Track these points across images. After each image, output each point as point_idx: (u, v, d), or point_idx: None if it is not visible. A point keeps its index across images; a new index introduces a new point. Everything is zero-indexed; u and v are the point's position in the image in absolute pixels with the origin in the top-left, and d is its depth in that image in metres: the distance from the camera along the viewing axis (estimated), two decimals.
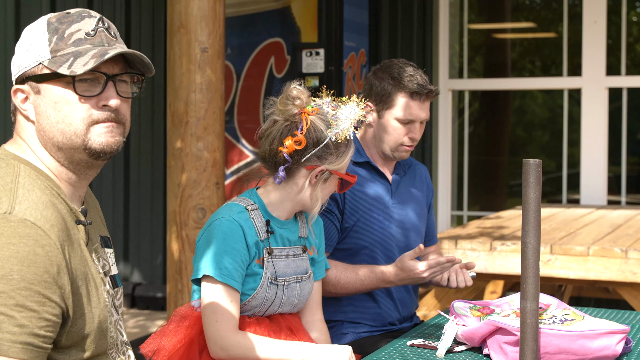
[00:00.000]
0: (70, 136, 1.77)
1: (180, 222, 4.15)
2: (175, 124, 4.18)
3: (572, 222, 5.21)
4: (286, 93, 2.46)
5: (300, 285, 2.53)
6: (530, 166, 1.98)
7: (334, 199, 2.95)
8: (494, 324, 2.31)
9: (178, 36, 4.16)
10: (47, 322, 1.64)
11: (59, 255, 1.67)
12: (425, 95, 2.96)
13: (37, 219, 1.66)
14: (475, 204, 7.46)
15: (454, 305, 2.52)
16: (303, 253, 2.56)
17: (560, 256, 4.19)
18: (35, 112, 1.79)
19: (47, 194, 1.74)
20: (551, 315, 2.39)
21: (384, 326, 3.04)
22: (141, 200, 7.16)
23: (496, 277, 4.47)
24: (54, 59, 1.76)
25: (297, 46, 6.38)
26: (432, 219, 3.25)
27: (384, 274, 2.86)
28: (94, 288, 1.78)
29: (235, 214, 2.42)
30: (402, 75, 2.97)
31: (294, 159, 2.45)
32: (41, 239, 1.65)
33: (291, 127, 2.45)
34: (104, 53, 1.75)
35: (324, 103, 2.48)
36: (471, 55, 7.51)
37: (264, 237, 2.44)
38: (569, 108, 6.97)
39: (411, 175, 3.17)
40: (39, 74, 1.77)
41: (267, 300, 2.45)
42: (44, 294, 1.63)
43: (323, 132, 2.44)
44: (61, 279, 1.67)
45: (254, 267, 2.43)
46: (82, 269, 1.75)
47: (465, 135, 7.20)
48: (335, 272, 2.89)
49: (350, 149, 2.52)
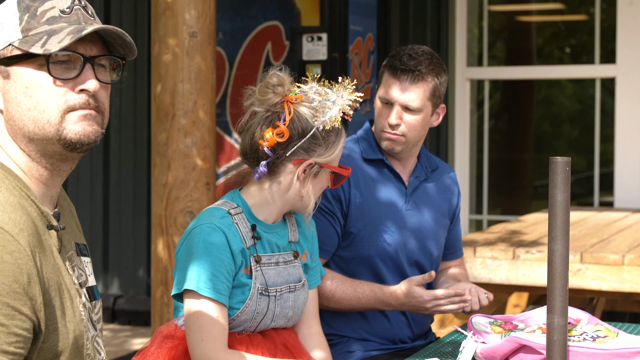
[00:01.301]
0: (43, 125, 1.76)
1: (166, 227, 4.16)
2: (161, 118, 4.19)
3: (605, 228, 5.21)
4: (265, 80, 2.46)
5: (294, 295, 2.53)
6: (558, 165, 1.98)
7: (338, 200, 2.94)
8: (518, 341, 2.31)
9: (163, 19, 4.16)
10: (16, 338, 1.64)
11: (29, 263, 1.67)
12: (402, 72, 2.90)
13: (5, 222, 1.66)
14: (496, 207, 7.46)
15: (472, 320, 2.52)
16: (294, 259, 2.56)
17: (592, 265, 4.19)
18: (4, 99, 1.79)
19: (16, 195, 1.73)
20: (581, 332, 2.39)
21: (395, 344, 3.04)
22: (122, 203, 7.16)
23: (519, 288, 4.47)
24: (25, 38, 1.75)
25: (296, 30, 6.38)
26: (457, 230, 3.22)
27: (384, 295, 2.85)
28: (69, 300, 1.78)
29: (216, 219, 2.42)
30: (400, 52, 2.96)
31: (277, 154, 2.45)
32: (9, 244, 1.64)
33: (273, 117, 2.45)
34: (81, 29, 1.75)
35: (310, 89, 2.48)
36: (492, 40, 7.51)
37: (250, 244, 2.44)
38: (601, 99, 6.97)
39: (434, 180, 3.14)
40: (8, 57, 1.76)
41: (259, 314, 2.45)
42: (13, 306, 1.63)
43: (309, 122, 2.44)
44: (32, 289, 1.67)
45: (241, 277, 2.43)
46: (55, 278, 1.75)
47: (484, 130, 7.20)
48: (330, 284, 2.89)
49: (341, 139, 2.51)
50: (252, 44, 6.54)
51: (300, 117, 2.44)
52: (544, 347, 2.22)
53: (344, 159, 2.96)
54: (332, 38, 6.30)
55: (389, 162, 3.03)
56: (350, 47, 6.45)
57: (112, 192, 7.19)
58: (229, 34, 6.57)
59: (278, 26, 6.50)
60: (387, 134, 2.95)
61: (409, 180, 3.07)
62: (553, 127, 8.29)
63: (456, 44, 6.92)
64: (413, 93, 2.92)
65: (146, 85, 6.92)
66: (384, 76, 2.97)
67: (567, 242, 2.00)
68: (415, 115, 2.94)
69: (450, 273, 3.19)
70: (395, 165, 3.05)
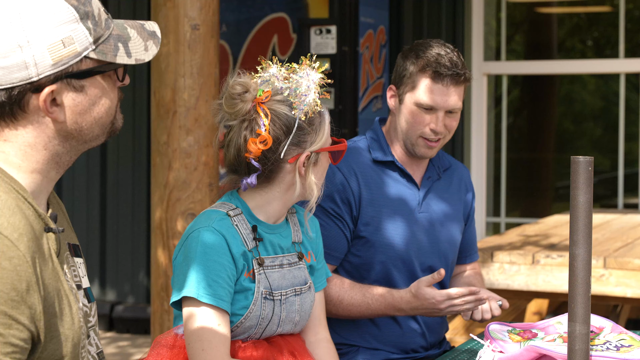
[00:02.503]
0: (107, 125, 1.88)
1: (167, 230, 4.16)
2: (161, 115, 4.19)
3: (630, 231, 5.21)
4: (229, 92, 2.43)
5: (300, 299, 2.53)
6: (580, 164, 1.98)
7: (347, 204, 2.95)
8: (537, 350, 2.32)
9: (164, 11, 4.17)
10: (13, 348, 1.64)
11: (28, 270, 1.67)
12: (449, 77, 2.95)
13: (4, 227, 1.67)
14: (515, 209, 7.46)
15: (489, 328, 2.53)
16: (299, 261, 2.56)
17: (616, 271, 4.19)
18: (71, 111, 1.82)
19: (13, 197, 1.74)
20: (604, 341, 2.39)
21: (407, 353, 3.04)
22: (120, 205, 7.18)
23: (539, 295, 4.47)
24: (98, 48, 1.81)
25: (304, 22, 6.39)
26: (471, 232, 3.23)
27: (395, 300, 2.85)
28: (67, 307, 1.79)
29: (215, 222, 2.42)
30: (428, 53, 2.97)
31: (269, 160, 2.44)
32: (8, 250, 1.65)
33: (251, 125, 2.43)
34: (149, 32, 1.90)
35: (273, 77, 2.47)
36: (510, 33, 7.51)
37: (252, 246, 2.44)
38: (626, 95, 6.96)
39: (447, 180, 3.15)
40: (85, 70, 1.80)
41: (264, 319, 2.45)
42: (11, 315, 1.64)
43: (289, 116, 2.43)
44: (31, 297, 1.67)
45: (243, 281, 2.43)
46: (54, 284, 1.76)
47: (502, 128, 7.20)
48: (338, 290, 2.90)
49: (325, 115, 2.49)
50: (258, 37, 6.55)
51: (279, 115, 2.42)
52: (565, 357, 2.22)
53: (353, 161, 2.98)
54: (341, 31, 6.30)
55: (400, 165, 3.04)
56: (360, 40, 6.45)
57: (110, 193, 7.21)
58: (233, 26, 6.58)
59: (285, 18, 6.50)
60: (427, 141, 2.98)
61: (422, 181, 3.07)
62: (575, 125, 8.29)
63: (473, 37, 6.92)
64: (457, 96, 2.98)
65: (145, 80, 6.93)
66: (421, 82, 2.96)
67: (589, 246, 2.00)
68: (457, 115, 3.01)
69: (464, 278, 3.19)
70: (407, 166, 3.06)
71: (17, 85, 1.75)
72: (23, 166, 1.80)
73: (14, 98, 1.75)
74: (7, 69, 1.73)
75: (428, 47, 2.99)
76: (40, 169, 1.81)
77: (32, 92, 1.76)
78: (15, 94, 1.75)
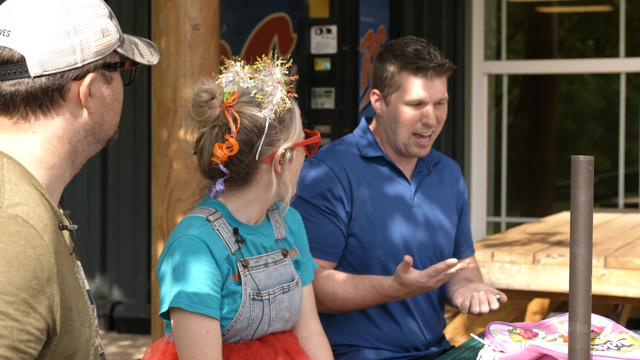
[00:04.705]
0: (116, 125, 1.93)
1: (167, 230, 4.17)
2: (162, 114, 4.20)
3: (630, 231, 5.21)
4: (195, 101, 2.42)
5: (289, 296, 2.53)
6: (580, 164, 1.98)
7: (339, 199, 2.95)
8: (538, 349, 2.32)
9: (165, 11, 4.17)
10: (29, 336, 1.65)
11: (50, 260, 1.68)
12: (432, 69, 2.95)
13: (30, 216, 1.68)
14: (515, 209, 7.46)
15: (490, 327, 2.53)
16: (284, 258, 2.55)
17: (616, 270, 4.19)
18: (100, 103, 1.87)
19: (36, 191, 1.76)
20: (605, 340, 2.39)
21: (408, 352, 3.05)
22: (121, 205, 7.18)
23: (540, 294, 4.48)
24: (123, 46, 1.89)
25: (305, 22, 6.39)
26: (465, 225, 3.25)
27: (386, 290, 2.86)
28: (82, 303, 1.80)
29: (195, 229, 2.41)
30: (406, 51, 2.98)
31: (243, 162, 2.44)
32: (33, 239, 1.66)
33: (222, 130, 2.42)
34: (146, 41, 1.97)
35: (238, 77, 2.46)
36: (511, 32, 7.51)
37: (234, 249, 2.44)
38: (626, 95, 6.96)
39: (437, 175, 3.17)
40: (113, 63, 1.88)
41: (254, 320, 2.45)
42: (30, 303, 1.64)
43: (258, 116, 2.42)
44: (51, 288, 1.68)
45: (230, 285, 2.42)
46: (70, 280, 1.77)
47: (503, 128, 7.20)
48: (332, 284, 2.90)
49: (295, 110, 2.49)
50: (258, 37, 6.55)
51: (248, 117, 2.41)
52: (565, 357, 2.22)
53: (342, 158, 2.98)
54: (342, 30, 6.31)
55: (390, 159, 3.05)
56: (361, 40, 6.46)
57: (111, 193, 7.21)
58: (234, 26, 6.58)
59: (285, 18, 6.51)
60: (420, 139, 2.98)
61: (412, 176, 3.09)
62: (575, 124, 8.29)
63: (473, 36, 6.92)
64: (443, 87, 3.00)
65: (146, 80, 6.92)
66: (405, 80, 2.97)
67: (590, 245, 2.00)
68: (445, 106, 3.03)
69: (461, 273, 3.19)
70: (397, 162, 3.07)
71: (62, 71, 1.80)
72: (45, 161, 1.82)
73: (57, 84, 1.80)
74: (56, 53, 1.79)
75: (404, 45, 3.00)
76: (60, 165, 1.84)
77: (73, 80, 1.81)
78: (60, 80, 1.80)
